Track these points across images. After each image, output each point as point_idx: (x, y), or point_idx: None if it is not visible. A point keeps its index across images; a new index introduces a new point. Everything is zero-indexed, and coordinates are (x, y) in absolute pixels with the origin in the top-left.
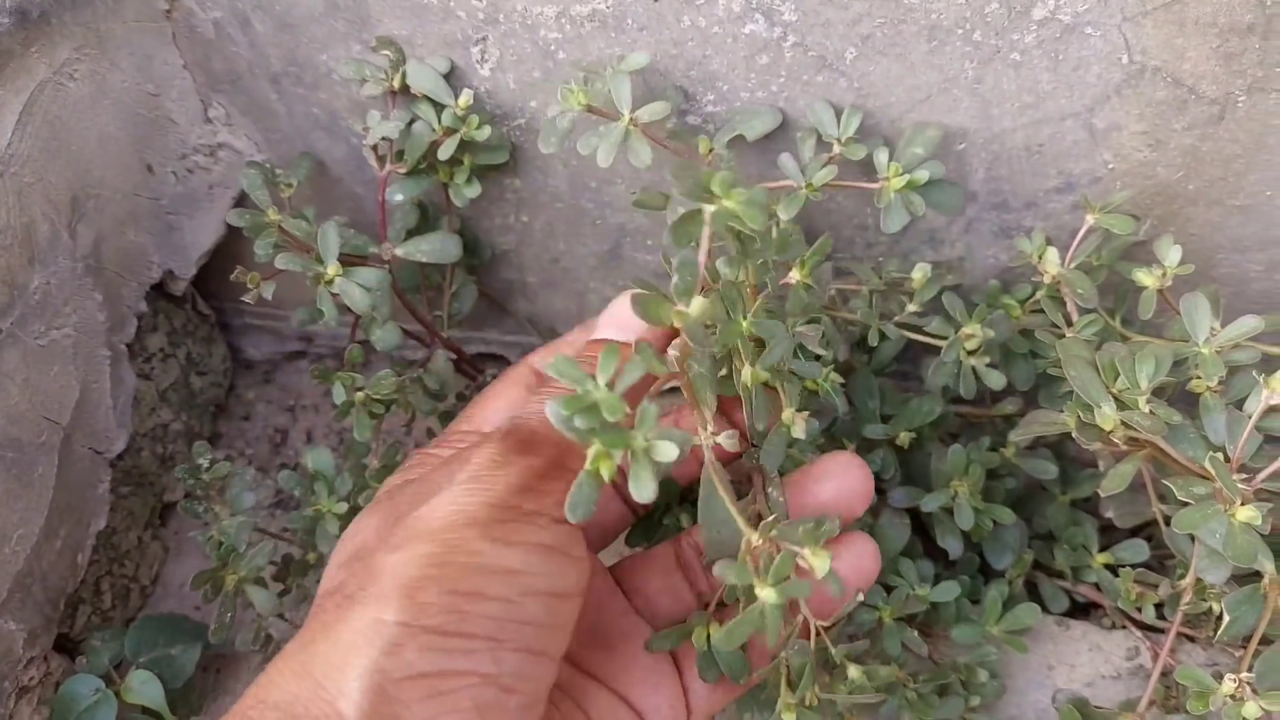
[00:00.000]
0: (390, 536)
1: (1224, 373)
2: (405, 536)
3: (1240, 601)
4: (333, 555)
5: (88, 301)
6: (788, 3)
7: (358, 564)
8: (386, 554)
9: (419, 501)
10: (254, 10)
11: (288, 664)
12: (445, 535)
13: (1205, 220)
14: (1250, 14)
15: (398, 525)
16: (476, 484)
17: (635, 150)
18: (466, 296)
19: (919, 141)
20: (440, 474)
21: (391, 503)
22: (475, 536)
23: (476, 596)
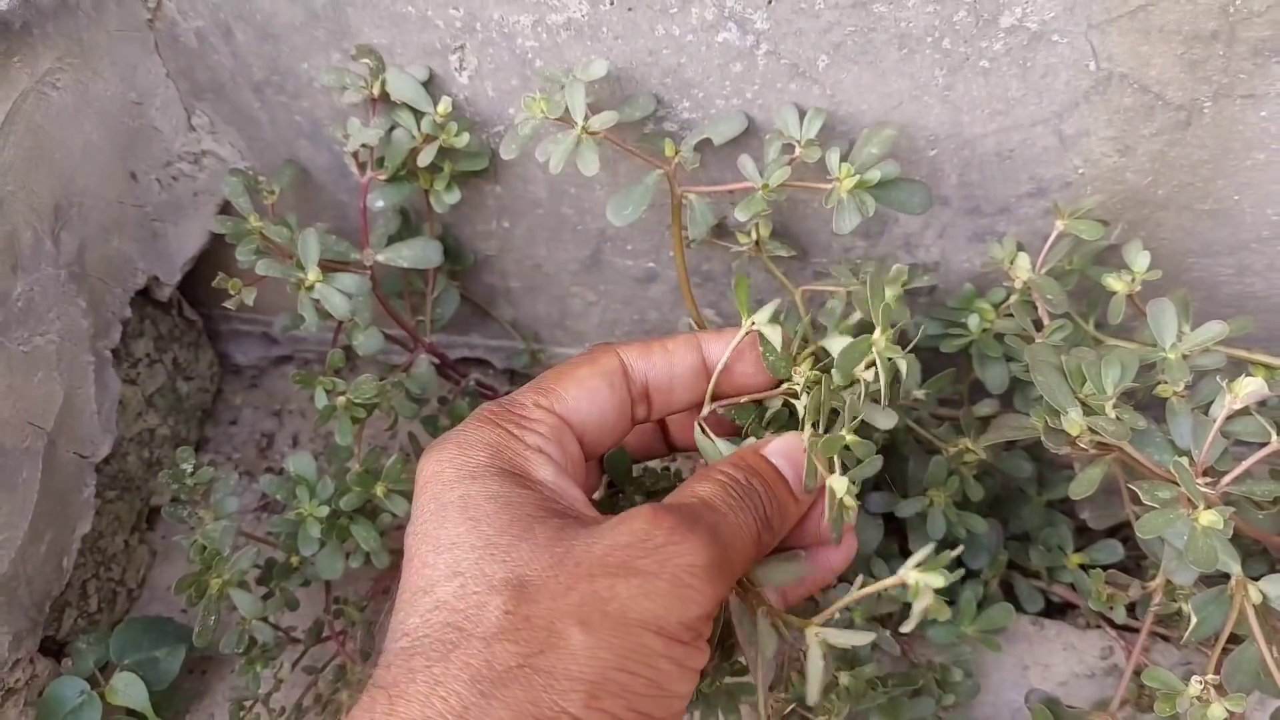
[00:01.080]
0: (577, 597)
1: (1190, 377)
2: (600, 616)
3: (1207, 603)
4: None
5: (71, 308)
6: (760, 11)
7: (529, 609)
8: (577, 628)
9: (611, 569)
10: (236, 20)
11: (449, 701)
12: (641, 638)
13: (1175, 225)
14: (1213, 21)
15: (581, 583)
16: (684, 593)
17: (584, 158)
18: (449, 302)
19: (875, 142)
20: (635, 541)
21: (560, 541)
22: (663, 653)
23: (647, 718)
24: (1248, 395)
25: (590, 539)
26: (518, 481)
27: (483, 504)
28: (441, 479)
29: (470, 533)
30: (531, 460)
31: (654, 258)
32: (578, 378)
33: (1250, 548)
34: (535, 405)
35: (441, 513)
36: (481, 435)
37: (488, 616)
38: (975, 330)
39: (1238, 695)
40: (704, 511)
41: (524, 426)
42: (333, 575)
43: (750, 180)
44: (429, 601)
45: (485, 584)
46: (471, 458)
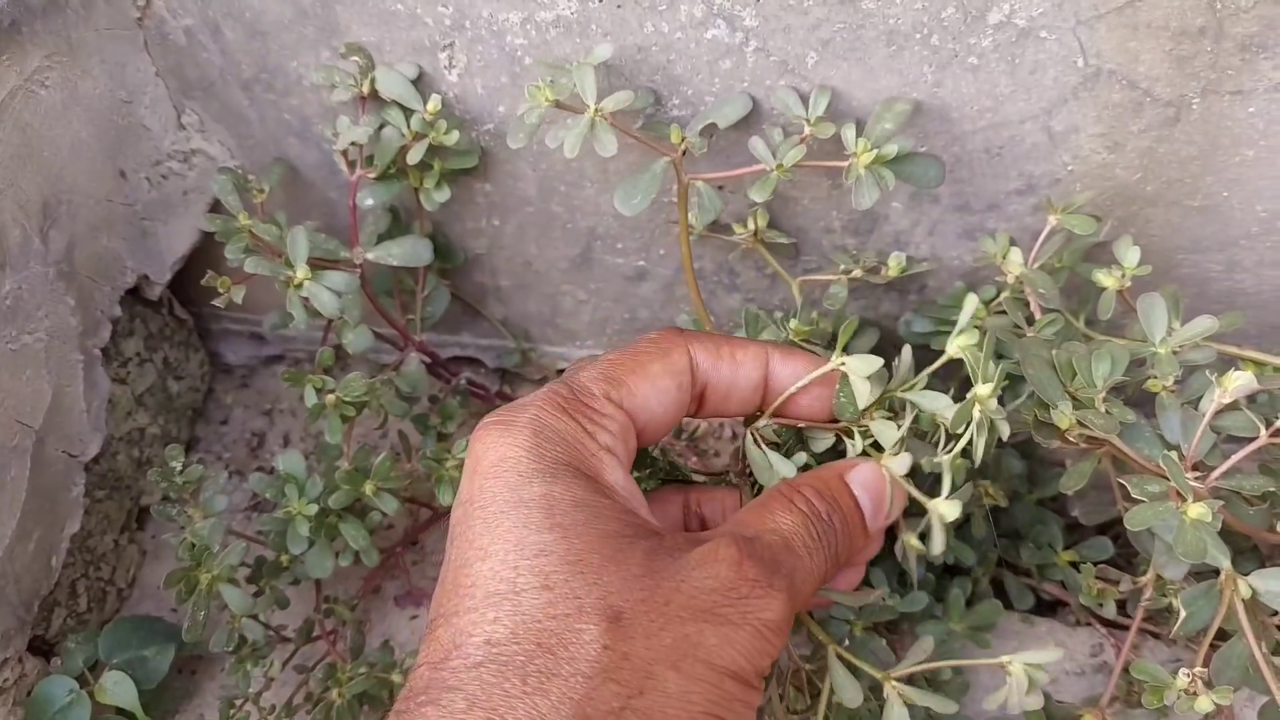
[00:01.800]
0: (670, 641)
1: (1179, 372)
2: (692, 664)
3: (1196, 597)
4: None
5: (60, 306)
6: (748, 8)
7: (625, 646)
8: (674, 675)
9: (699, 613)
10: (224, 18)
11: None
12: (724, 684)
13: (1165, 221)
14: (1201, 17)
15: (672, 624)
16: (762, 643)
17: (601, 140)
18: (439, 300)
19: (888, 116)
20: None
21: (650, 570)
22: (739, 697)
23: None
24: (1236, 390)
25: (678, 575)
26: (596, 487)
27: (570, 511)
28: (519, 469)
29: (560, 542)
30: (603, 462)
31: (644, 255)
32: (650, 374)
33: (1241, 543)
34: (606, 398)
35: (523, 510)
36: (556, 425)
37: (585, 648)
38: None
39: (1224, 687)
40: (784, 557)
41: (596, 422)
42: (322, 574)
43: (763, 162)
44: (512, 609)
45: (577, 606)
46: (548, 451)
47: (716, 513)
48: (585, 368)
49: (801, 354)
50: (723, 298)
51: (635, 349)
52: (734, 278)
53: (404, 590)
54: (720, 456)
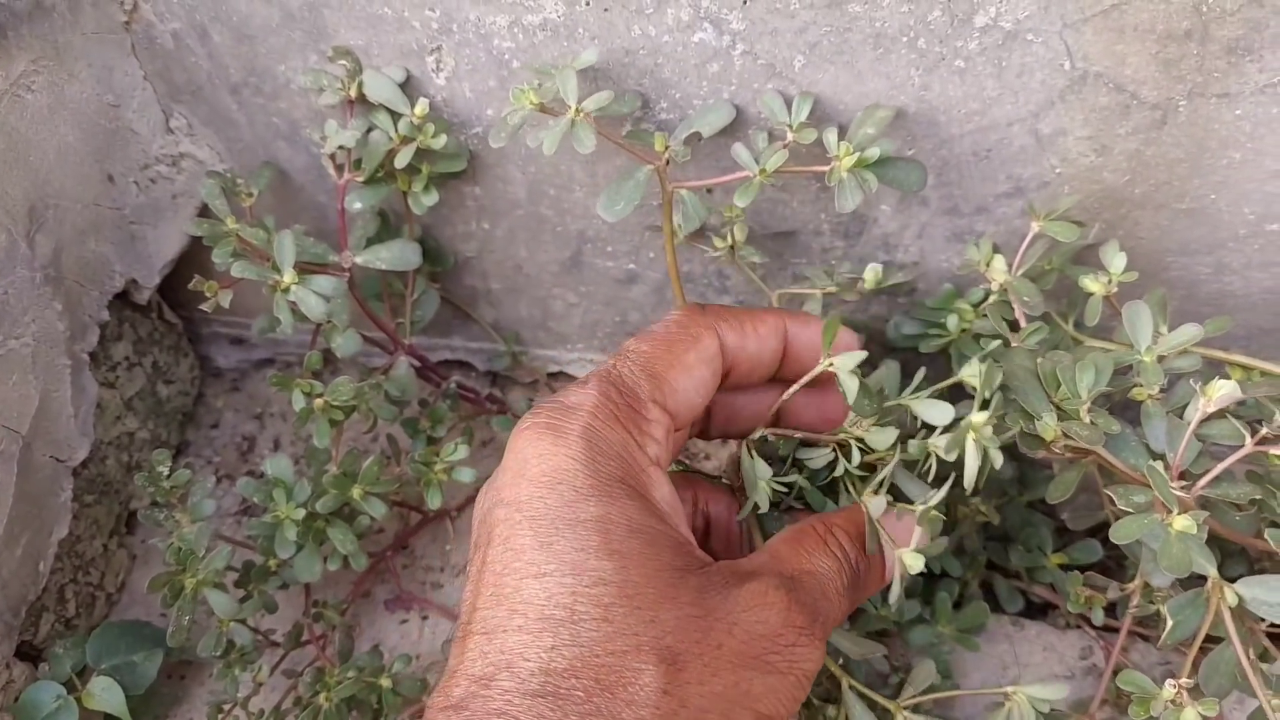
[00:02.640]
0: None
1: (1165, 380)
2: (739, 709)
3: (1183, 605)
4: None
5: (47, 311)
6: (735, 11)
7: (682, 692)
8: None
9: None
10: (212, 21)
11: None
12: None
13: (1153, 224)
14: (1187, 20)
15: (723, 672)
16: (799, 692)
17: (580, 138)
18: (428, 303)
19: (870, 122)
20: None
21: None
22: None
23: None
24: (1220, 399)
25: (729, 617)
26: (647, 507)
27: (626, 538)
28: (575, 484)
29: (618, 572)
30: (651, 478)
31: (634, 259)
32: (686, 365)
33: (1229, 548)
34: (653, 401)
35: (580, 530)
36: (610, 436)
37: (644, 690)
38: (954, 331)
39: (1210, 700)
40: (822, 603)
41: (645, 433)
42: (310, 578)
43: (746, 168)
44: (570, 638)
45: (635, 644)
46: (603, 466)
47: (722, 514)
48: (627, 359)
49: (815, 319)
50: (713, 300)
51: (668, 337)
52: (724, 280)
53: (394, 594)
54: (710, 460)
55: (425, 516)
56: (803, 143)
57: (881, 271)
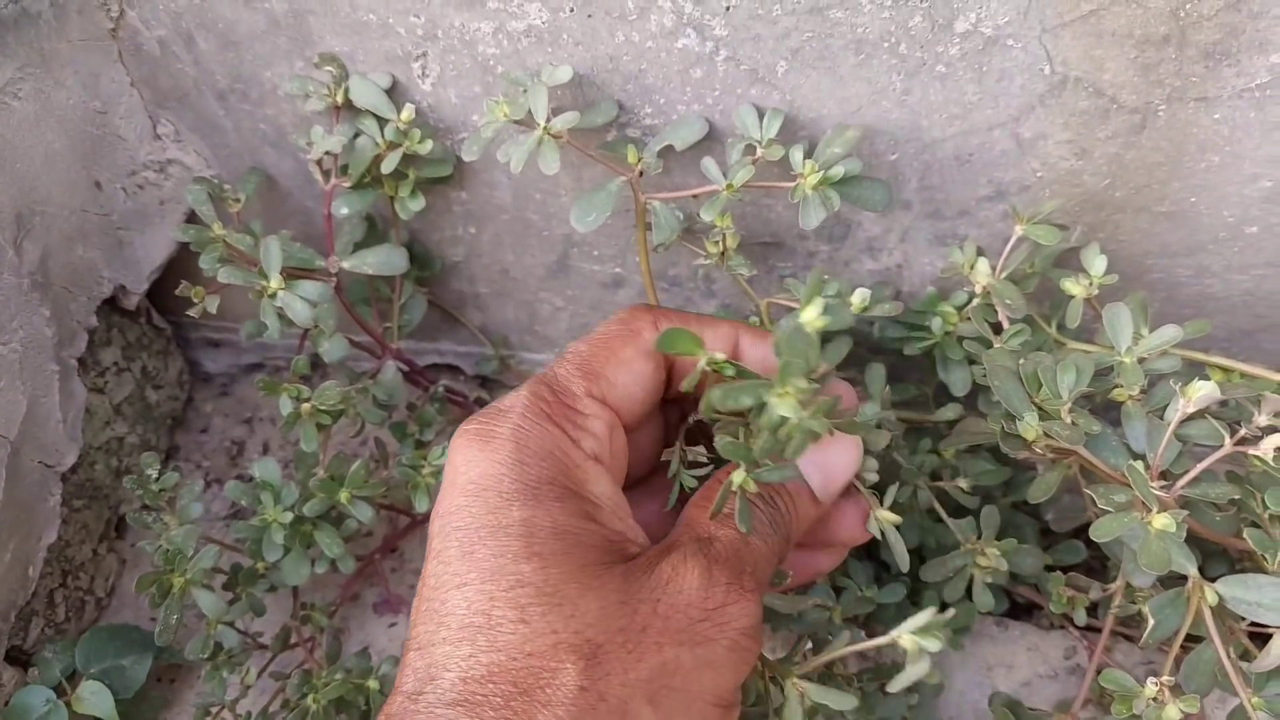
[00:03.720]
0: (645, 670)
1: (1145, 381)
2: (667, 694)
3: (1164, 605)
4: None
5: (35, 317)
6: (718, 18)
7: (603, 684)
8: (649, 711)
9: (673, 636)
10: (198, 28)
11: None
12: (701, 715)
13: (1133, 227)
14: (1164, 25)
15: (649, 654)
16: (737, 656)
17: (546, 158)
18: (415, 308)
19: (838, 142)
20: (696, 602)
21: (626, 596)
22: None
23: None
24: (1200, 399)
25: (652, 596)
26: (578, 507)
27: (549, 539)
28: (499, 490)
29: (537, 573)
30: (588, 474)
31: (620, 263)
32: (623, 360)
33: (1210, 548)
34: (588, 396)
35: (501, 536)
36: (540, 436)
37: (561, 688)
38: (938, 333)
39: (1192, 696)
40: (745, 552)
41: (580, 427)
42: (298, 581)
43: (714, 182)
44: (488, 644)
45: (554, 642)
46: (531, 469)
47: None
48: (564, 360)
49: (770, 335)
50: (700, 304)
51: (606, 335)
52: (710, 284)
53: (382, 597)
54: None
55: (413, 520)
56: (770, 159)
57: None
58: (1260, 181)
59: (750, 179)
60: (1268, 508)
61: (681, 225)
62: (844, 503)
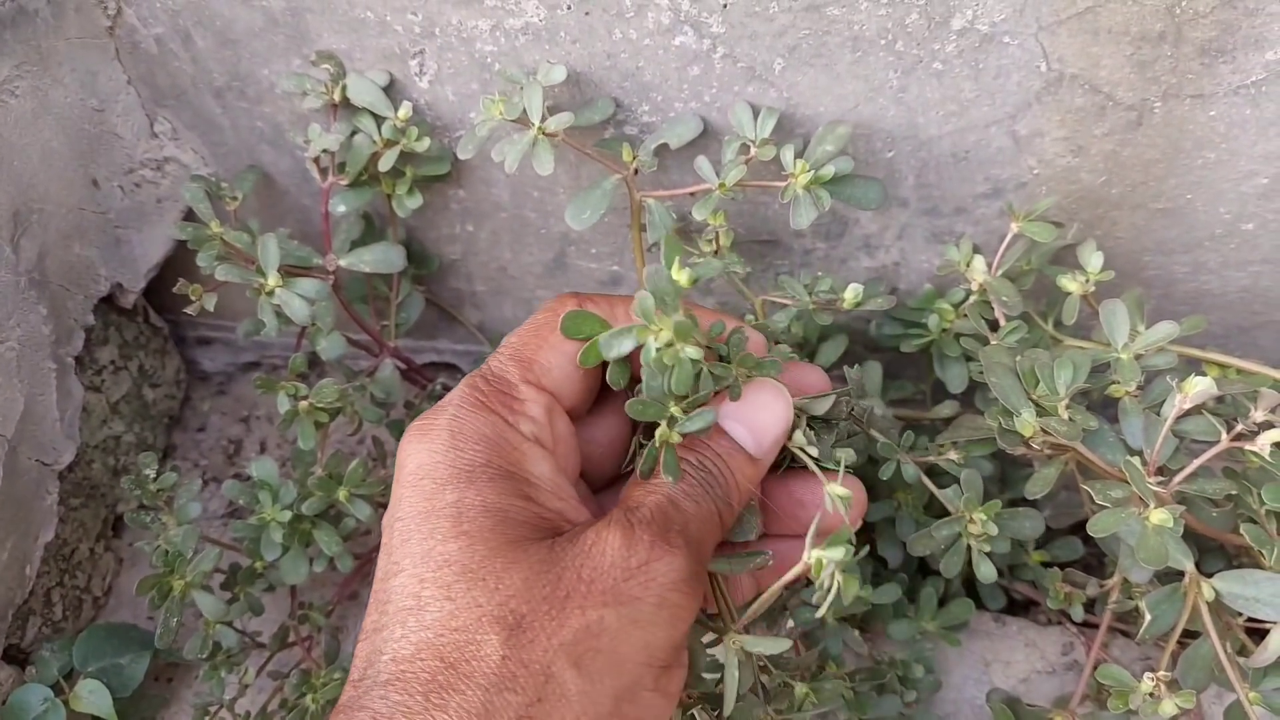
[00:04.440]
0: (569, 633)
1: (1142, 377)
2: (593, 655)
3: (1160, 600)
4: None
5: (32, 315)
6: (715, 15)
7: (526, 653)
8: (573, 671)
9: (598, 597)
10: (195, 26)
11: None
12: (633, 674)
13: (1130, 224)
14: (1160, 22)
15: (572, 617)
16: (668, 613)
17: (539, 158)
18: (413, 306)
19: (830, 140)
20: (619, 563)
21: (550, 565)
22: (651, 685)
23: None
24: (1197, 395)
25: (576, 562)
26: (513, 487)
27: (478, 517)
28: (434, 476)
29: (464, 551)
30: (528, 455)
31: (618, 260)
32: (554, 344)
33: (1208, 544)
34: (524, 383)
35: (433, 519)
36: (476, 425)
37: (485, 659)
38: (935, 330)
39: (1189, 691)
40: (674, 514)
41: (517, 412)
42: (296, 579)
43: (707, 181)
44: (417, 624)
45: (478, 616)
46: (465, 454)
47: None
48: (498, 353)
49: (708, 313)
50: (697, 301)
51: (535, 323)
52: (707, 281)
53: None
54: None
55: None
56: (762, 158)
57: (861, 293)
58: (1256, 178)
59: (744, 178)
60: (1264, 503)
61: (676, 224)
62: (801, 484)
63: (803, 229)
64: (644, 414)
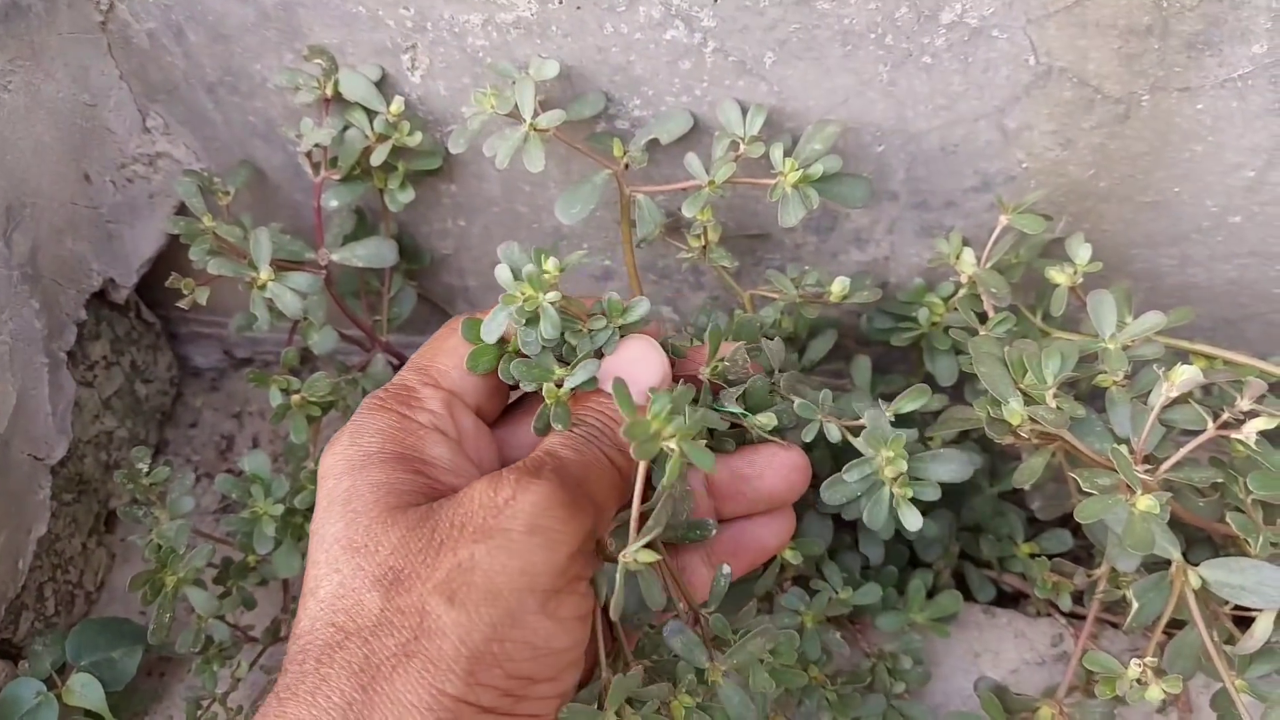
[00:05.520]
0: (442, 573)
1: (1129, 367)
2: (465, 587)
3: (1147, 589)
4: (343, 550)
5: (24, 309)
6: (706, 9)
7: (402, 599)
8: (444, 605)
9: (470, 535)
10: (187, 21)
11: (334, 700)
12: (509, 601)
13: (1118, 217)
14: (1148, 16)
15: (445, 558)
16: (541, 539)
17: (530, 154)
18: (405, 301)
19: (818, 138)
20: (488, 503)
21: (426, 520)
22: (536, 608)
23: (529, 681)
24: (1183, 383)
25: (450, 512)
26: (406, 465)
27: (364, 494)
28: (333, 473)
29: (349, 528)
30: (425, 439)
31: (610, 255)
32: (447, 349)
33: (1195, 534)
34: (423, 385)
35: (329, 509)
36: (373, 422)
37: (366, 614)
38: (925, 324)
39: (1175, 678)
40: (548, 460)
41: (414, 406)
42: (289, 573)
43: (696, 178)
44: (314, 602)
45: (361, 580)
46: (362, 447)
47: None
48: (401, 370)
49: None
50: (689, 295)
51: (434, 336)
52: (699, 276)
53: None
54: None
55: None
56: (751, 156)
57: (849, 285)
58: (1243, 171)
59: (733, 175)
60: (1250, 492)
61: (665, 219)
62: (741, 459)
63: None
64: (528, 375)
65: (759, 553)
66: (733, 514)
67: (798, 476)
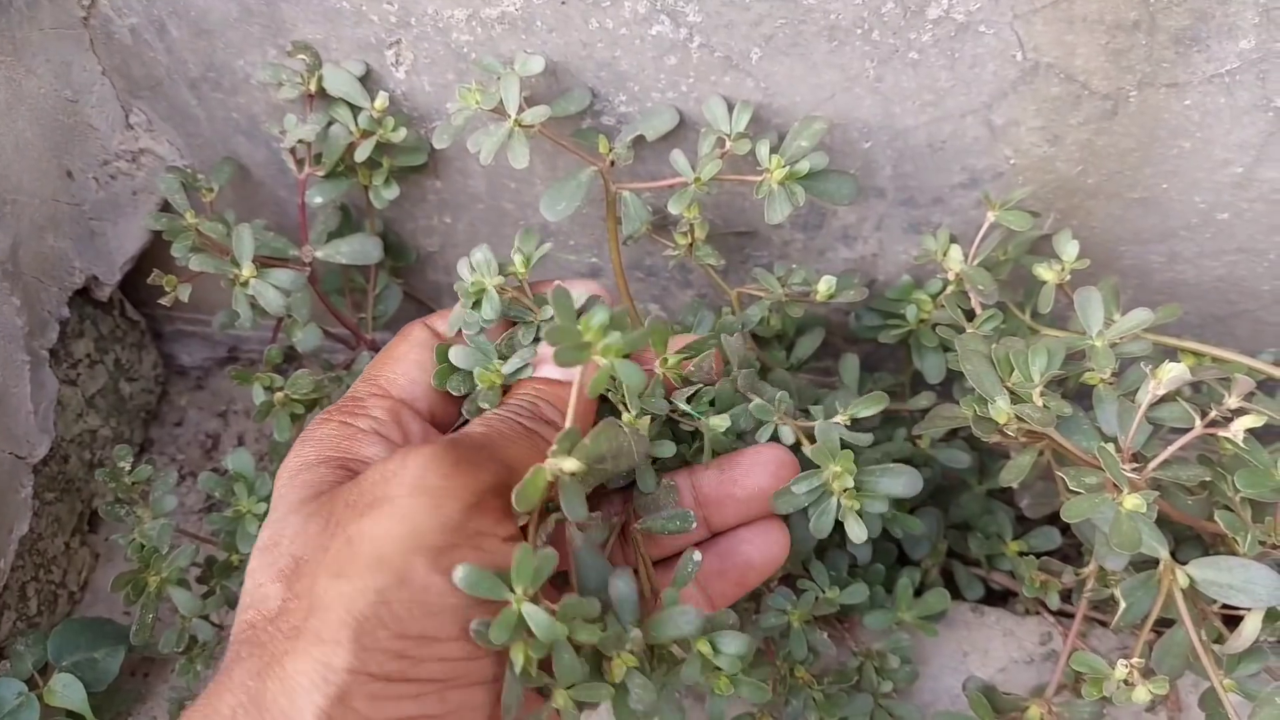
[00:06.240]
0: (332, 551)
1: (1116, 364)
2: (351, 559)
3: (1135, 587)
4: (257, 552)
5: (5, 306)
6: (691, 4)
7: (299, 584)
8: (331, 580)
9: (359, 510)
10: (170, 16)
11: (236, 694)
12: (395, 563)
13: (1106, 213)
14: (1135, 11)
15: (337, 537)
16: (426, 498)
17: (515, 151)
18: (390, 298)
19: (805, 135)
20: (378, 476)
21: (325, 504)
22: (425, 567)
23: (426, 640)
24: (1170, 381)
25: (346, 492)
26: (337, 466)
27: (288, 496)
28: (277, 485)
29: (270, 529)
30: (361, 442)
31: (597, 252)
32: (395, 357)
33: (1183, 533)
34: (370, 395)
35: (271, 514)
36: (316, 432)
37: (269, 605)
38: (913, 321)
39: (1162, 678)
40: (458, 438)
41: (356, 414)
42: None
43: (683, 174)
44: (246, 599)
45: (268, 573)
46: (302, 456)
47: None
48: (355, 382)
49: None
50: (676, 293)
51: (385, 347)
52: (687, 274)
53: None
54: None
55: None
56: (738, 153)
57: (835, 284)
58: (1231, 167)
59: (719, 172)
60: (1238, 490)
61: (651, 216)
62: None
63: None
64: (467, 360)
65: (745, 571)
66: (723, 524)
67: (786, 472)
